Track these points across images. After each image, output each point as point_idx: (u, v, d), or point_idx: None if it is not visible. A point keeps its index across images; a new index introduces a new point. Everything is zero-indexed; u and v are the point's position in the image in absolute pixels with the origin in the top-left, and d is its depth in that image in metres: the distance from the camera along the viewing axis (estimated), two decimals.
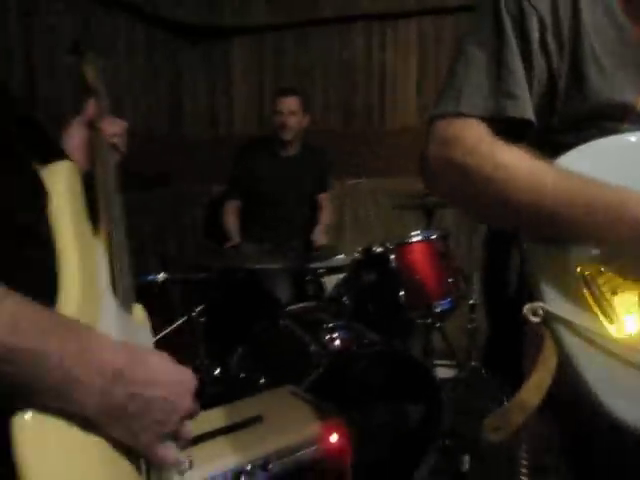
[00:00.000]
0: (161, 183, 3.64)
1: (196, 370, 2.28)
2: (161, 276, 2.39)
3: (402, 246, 2.17)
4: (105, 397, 0.61)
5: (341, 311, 2.28)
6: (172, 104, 3.81)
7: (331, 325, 2.11)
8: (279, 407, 1.51)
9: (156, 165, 3.37)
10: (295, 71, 3.78)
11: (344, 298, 2.23)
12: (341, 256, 2.72)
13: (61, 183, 0.78)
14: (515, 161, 0.81)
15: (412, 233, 2.22)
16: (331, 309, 2.35)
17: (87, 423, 0.61)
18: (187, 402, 0.70)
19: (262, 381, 2.04)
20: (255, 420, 1.42)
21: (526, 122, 0.87)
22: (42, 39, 2.68)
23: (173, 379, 0.69)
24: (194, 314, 2.19)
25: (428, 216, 2.70)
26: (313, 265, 2.57)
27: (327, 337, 2.05)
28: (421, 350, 2.65)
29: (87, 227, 0.83)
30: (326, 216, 3.26)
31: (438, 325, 2.50)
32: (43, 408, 0.58)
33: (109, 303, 0.83)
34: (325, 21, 3.64)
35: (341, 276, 2.53)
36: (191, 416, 0.73)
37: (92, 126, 1.16)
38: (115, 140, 1.21)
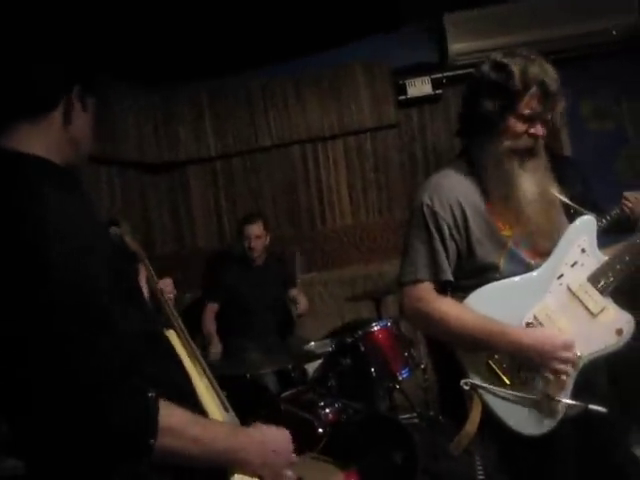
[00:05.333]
0: None
1: None
2: None
3: (368, 334, 2.89)
4: (260, 454, 1.20)
5: (326, 390, 2.94)
6: (144, 228, 4.44)
7: (323, 403, 2.78)
8: (309, 469, 2.15)
9: None
10: (246, 191, 4.52)
11: (329, 380, 2.91)
12: (312, 344, 3.40)
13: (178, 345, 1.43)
14: (449, 309, 1.58)
15: (373, 323, 2.94)
16: (317, 389, 3.02)
17: (253, 470, 1.21)
18: (291, 446, 1.29)
19: None
20: None
21: (449, 281, 1.62)
22: None
23: (285, 437, 1.29)
24: None
25: (377, 303, 3.43)
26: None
27: (323, 412, 2.72)
28: (387, 408, 3.34)
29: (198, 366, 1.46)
30: (302, 300, 3.87)
31: (398, 387, 3.21)
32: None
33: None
34: (267, 148, 4.44)
35: (318, 361, 3.20)
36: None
37: (152, 288, 1.81)
38: (169, 294, 1.88)
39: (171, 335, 1.46)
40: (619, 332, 1.50)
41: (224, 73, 4.30)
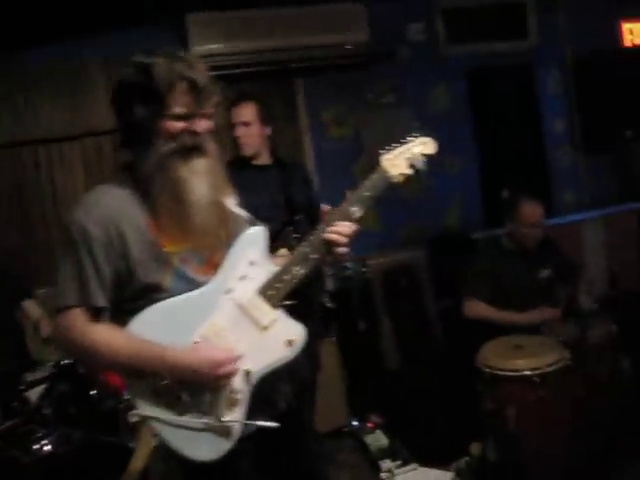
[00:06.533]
0: None
1: None
2: None
3: None
4: None
5: (46, 419, 2.66)
6: None
7: (39, 435, 2.50)
8: None
9: None
10: None
11: (45, 408, 2.63)
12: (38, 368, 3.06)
13: None
14: (99, 337, 1.45)
15: None
16: (37, 419, 2.71)
17: None
18: None
19: None
20: None
21: (101, 307, 1.48)
22: None
23: None
24: None
25: None
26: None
27: (36, 446, 2.44)
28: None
29: None
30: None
31: None
32: None
33: None
34: None
35: (42, 387, 2.88)
36: None
37: None
38: None
39: None
40: (290, 343, 1.49)
41: None
